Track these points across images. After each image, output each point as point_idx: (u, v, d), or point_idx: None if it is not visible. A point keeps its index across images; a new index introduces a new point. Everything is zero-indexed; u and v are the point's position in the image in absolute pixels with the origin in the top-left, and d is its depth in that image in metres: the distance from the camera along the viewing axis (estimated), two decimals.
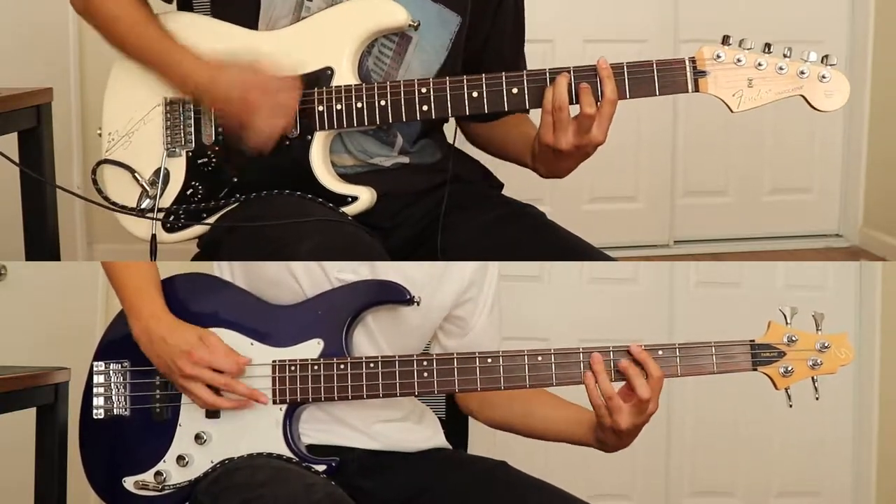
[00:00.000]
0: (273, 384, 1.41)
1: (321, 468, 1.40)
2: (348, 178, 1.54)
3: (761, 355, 1.38)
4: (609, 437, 1.39)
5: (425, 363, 1.39)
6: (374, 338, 1.46)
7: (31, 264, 2.60)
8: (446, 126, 1.70)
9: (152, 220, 1.54)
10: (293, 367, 1.41)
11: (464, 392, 1.44)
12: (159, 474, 1.44)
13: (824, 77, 1.42)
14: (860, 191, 3.96)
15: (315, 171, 1.50)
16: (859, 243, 3.96)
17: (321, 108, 1.49)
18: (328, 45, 1.50)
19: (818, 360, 1.37)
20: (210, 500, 1.37)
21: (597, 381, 1.35)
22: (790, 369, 1.37)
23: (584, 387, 1.37)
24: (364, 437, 1.47)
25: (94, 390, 1.49)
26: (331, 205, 1.49)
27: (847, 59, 3.80)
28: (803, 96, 1.43)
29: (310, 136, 1.50)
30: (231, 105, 1.47)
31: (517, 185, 1.75)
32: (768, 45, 1.43)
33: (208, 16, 1.58)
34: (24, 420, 1.92)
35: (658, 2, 3.75)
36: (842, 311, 3.30)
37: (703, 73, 1.44)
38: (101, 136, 1.58)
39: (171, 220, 1.54)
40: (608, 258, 1.57)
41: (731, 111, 1.44)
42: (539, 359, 1.38)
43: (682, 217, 3.96)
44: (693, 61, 1.44)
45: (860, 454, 3.38)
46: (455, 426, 1.67)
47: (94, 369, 1.49)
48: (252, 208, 1.49)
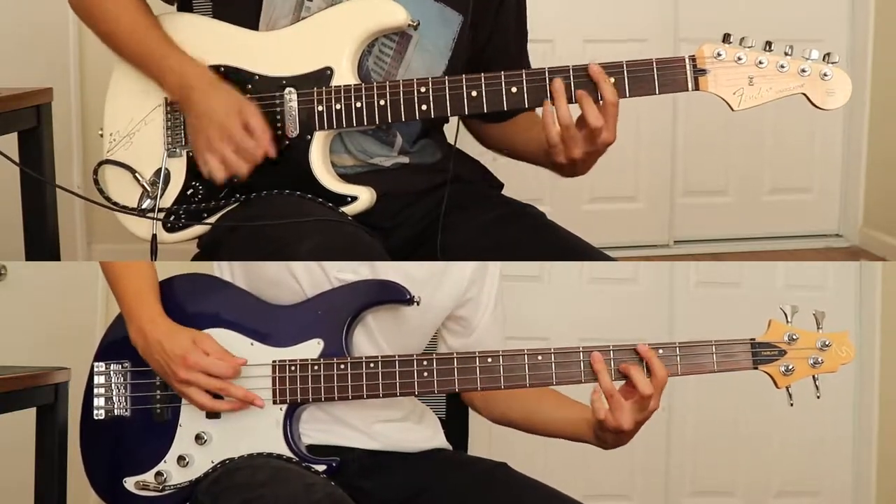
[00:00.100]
0: (273, 384, 1.41)
1: (321, 468, 1.40)
2: (348, 178, 1.54)
3: (762, 354, 1.37)
4: (609, 436, 1.39)
5: (425, 363, 1.39)
6: (374, 338, 1.46)
7: (31, 264, 2.60)
8: (447, 126, 1.70)
9: (153, 221, 1.54)
10: (293, 368, 1.41)
11: (464, 392, 1.44)
12: (160, 474, 1.44)
13: (826, 75, 1.42)
14: (860, 191, 3.95)
15: (315, 171, 1.50)
16: (859, 243, 3.96)
17: (321, 108, 1.49)
18: (328, 45, 1.50)
19: (819, 359, 1.37)
20: (210, 501, 1.37)
21: (598, 380, 1.35)
22: (791, 368, 1.37)
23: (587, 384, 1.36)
24: (364, 437, 1.47)
25: (95, 391, 1.49)
26: (330, 205, 1.49)
27: (847, 59, 3.80)
28: (805, 94, 1.42)
29: (309, 136, 1.50)
30: (207, 125, 1.47)
31: (517, 185, 1.75)
32: (769, 44, 1.42)
33: (209, 16, 1.58)
34: (24, 420, 1.92)
35: (658, 2, 3.75)
36: (842, 311, 3.29)
37: (704, 72, 1.43)
38: (102, 136, 1.58)
39: (171, 220, 1.54)
40: (608, 258, 1.57)
41: (732, 109, 1.44)
42: (539, 358, 1.38)
43: (682, 217, 3.95)
44: (693, 59, 1.43)
45: (860, 454, 3.38)
46: (455, 426, 1.67)
47: (95, 370, 1.49)
48: (252, 208, 1.49)
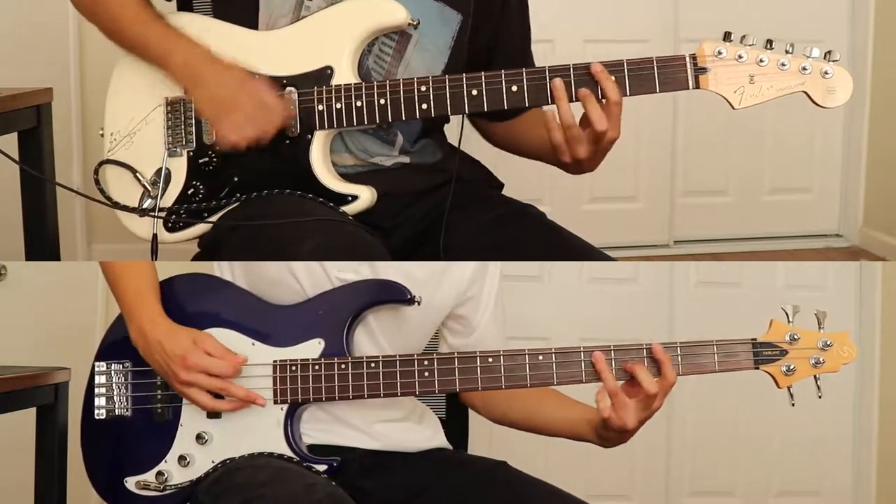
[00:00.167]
0: (274, 384, 1.41)
1: (322, 468, 1.40)
2: (349, 177, 1.54)
3: (763, 354, 1.37)
4: (612, 434, 1.39)
5: (426, 363, 1.39)
6: (375, 337, 1.46)
7: (31, 264, 2.60)
8: (447, 126, 1.70)
9: (153, 220, 1.54)
10: (294, 367, 1.41)
11: (465, 391, 1.44)
12: (161, 474, 1.43)
13: (827, 73, 1.41)
14: (860, 191, 3.96)
15: (315, 171, 1.50)
16: (859, 243, 3.96)
17: (321, 108, 1.49)
18: (328, 44, 1.50)
19: (820, 359, 1.37)
20: (211, 500, 1.37)
21: (602, 380, 1.35)
22: (792, 368, 1.37)
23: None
24: (365, 437, 1.47)
25: (96, 390, 1.48)
26: (331, 204, 1.49)
27: (847, 59, 3.80)
28: (806, 92, 1.42)
29: (310, 136, 1.50)
30: (219, 95, 1.47)
31: (517, 185, 1.75)
32: (770, 42, 1.42)
33: (209, 16, 1.58)
34: (24, 420, 1.92)
35: (658, 2, 3.75)
36: (842, 311, 3.29)
37: (704, 70, 1.43)
38: (102, 136, 1.58)
39: (172, 219, 1.54)
40: (608, 258, 1.57)
41: (733, 108, 1.43)
42: (540, 358, 1.38)
43: (682, 217, 3.96)
44: (694, 58, 1.43)
45: (860, 454, 3.38)
46: (455, 426, 1.66)
47: (96, 369, 1.49)
48: (253, 208, 1.49)
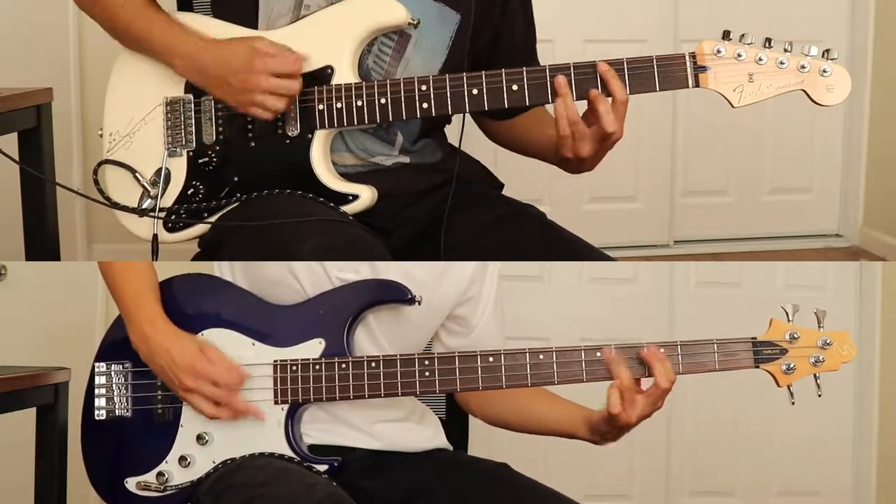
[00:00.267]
0: (274, 384, 1.41)
1: (323, 468, 1.40)
2: (349, 177, 1.54)
3: (763, 352, 1.37)
4: (612, 431, 1.39)
5: (427, 362, 1.39)
6: (375, 337, 1.46)
7: (31, 264, 2.60)
8: (448, 126, 1.70)
9: (154, 220, 1.53)
10: (294, 367, 1.41)
11: (465, 391, 1.44)
12: (161, 475, 1.43)
13: (825, 71, 1.42)
14: (860, 191, 3.96)
15: (315, 170, 1.50)
16: (859, 243, 3.96)
17: (321, 107, 1.49)
18: (328, 44, 1.50)
19: (820, 357, 1.37)
20: (212, 501, 1.36)
21: (617, 376, 1.36)
22: (792, 366, 1.37)
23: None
24: (366, 437, 1.47)
25: (96, 391, 1.48)
26: (332, 204, 1.49)
27: (847, 59, 3.80)
28: (804, 91, 1.43)
29: (310, 135, 1.50)
30: (235, 80, 1.46)
31: (517, 185, 1.75)
32: (769, 40, 1.43)
33: (208, 16, 1.58)
34: (24, 420, 1.92)
35: (658, 2, 3.75)
36: (842, 311, 3.29)
37: (704, 69, 1.44)
38: (101, 136, 1.58)
39: (172, 219, 1.54)
40: (608, 258, 1.57)
41: (732, 106, 1.44)
42: (541, 357, 1.38)
43: (682, 217, 3.96)
44: (693, 56, 1.44)
45: (860, 453, 3.38)
46: (455, 426, 1.66)
47: (96, 370, 1.49)
48: (253, 208, 1.49)
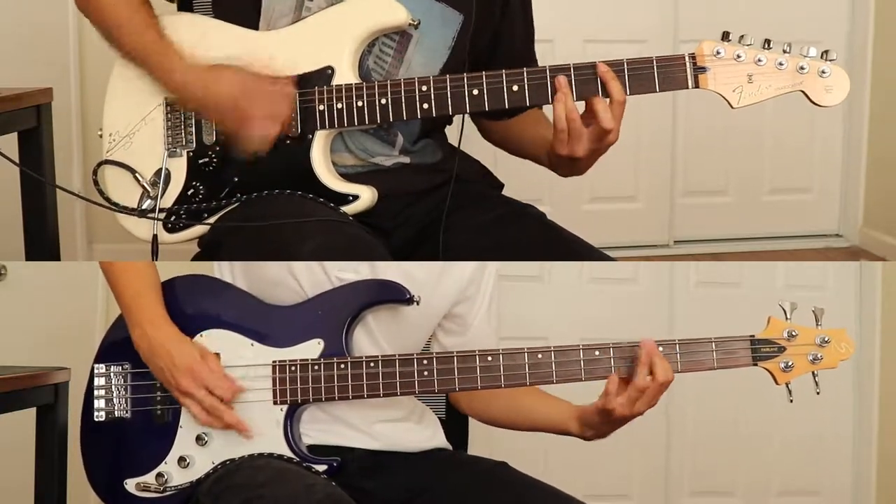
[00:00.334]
0: (273, 384, 1.41)
1: (322, 468, 1.40)
2: (349, 177, 1.54)
3: (761, 350, 1.38)
4: (607, 427, 1.39)
5: (425, 362, 1.39)
6: (374, 337, 1.46)
7: (31, 264, 2.60)
8: (448, 126, 1.70)
9: (153, 221, 1.53)
10: (293, 368, 1.41)
11: (464, 391, 1.44)
12: (161, 476, 1.43)
13: (824, 72, 1.43)
14: (860, 191, 3.96)
15: (316, 171, 1.50)
16: (859, 243, 3.96)
17: (322, 108, 1.49)
18: (328, 45, 1.50)
19: (818, 355, 1.37)
20: (211, 501, 1.37)
21: (636, 373, 1.36)
22: (790, 364, 1.37)
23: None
24: (365, 437, 1.47)
25: (95, 392, 1.48)
26: (332, 205, 1.49)
27: (847, 60, 3.80)
28: (803, 91, 1.43)
29: (310, 136, 1.50)
30: (224, 114, 1.48)
31: (517, 185, 1.75)
32: (768, 41, 1.44)
33: (209, 16, 1.58)
34: (24, 420, 1.92)
35: (658, 2, 3.75)
36: (842, 311, 3.30)
37: (703, 70, 1.44)
38: (101, 137, 1.58)
39: (172, 220, 1.54)
40: (608, 258, 1.57)
41: (732, 107, 1.45)
42: (539, 356, 1.38)
43: (682, 217, 3.96)
44: (693, 57, 1.44)
45: (860, 453, 3.38)
46: (455, 426, 1.66)
47: (95, 371, 1.49)
48: (253, 208, 1.49)
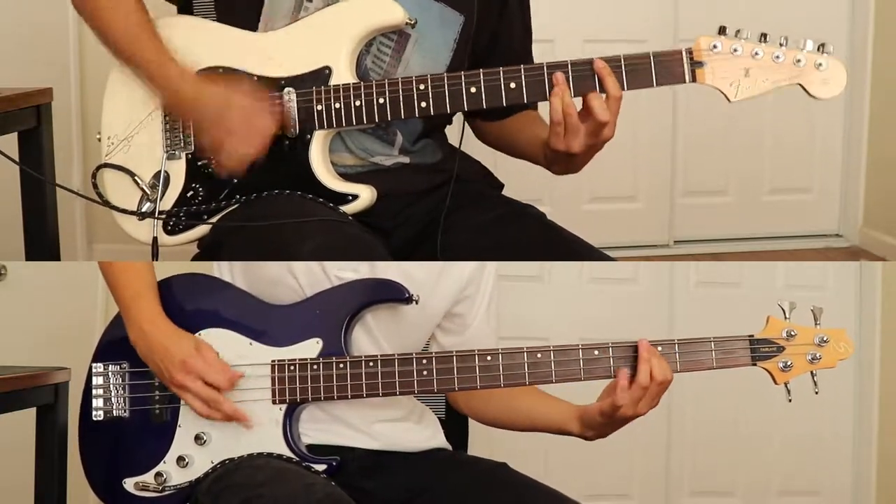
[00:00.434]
0: (272, 384, 1.41)
1: (321, 468, 1.40)
2: (349, 177, 1.54)
3: (760, 350, 1.38)
4: (608, 427, 1.39)
5: (424, 362, 1.39)
6: (373, 336, 1.46)
7: (31, 264, 2.60)
8: (448, 126, 1.70)
9: (153, 224, 1.53)
10: (292, 367, 1.41)
11: (464, 390, 1.44)
12: (159, 475, 1.43)
13: (821, 65, 1.43)
14: (860, 191, 3.95)
15: (315, 171, 1.50)
16: (859, 243, 3.96)
17: (320, 108, 1.49)
18: (326, 44, 1.50)
19: (817, 355, 1.38)
20: (210, 500, 1.37)
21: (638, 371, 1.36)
22: (789, 364, 1.37)
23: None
24: (364, 437, 1.47)
25: (94, 392, 1.48)
26: (331, 205, 1.49)
27: (847, 59, 3.79)
28: (800, 84, 1.43)
29: (309, 136, 1.50)
30: (208, 125, 1.48)
31: (517, 185, 1.75)
32: (764, 35, 1.44)
33: (210, 18, 1.58)
34: (24, 420, 1.92)
35: (658, 2, 3.75)
36: (842, 311, 3.30)
37: (700, 64, 1.44)
38: (100, 140, 1.58)
39: (171, 222, 1.53)
40: (608, 258, 1.57)
41: (729, 101, 1.45)
42: (538, 356, 1.38)
43: (682, 217, 3.95)
44: (690, 52, 1.44)
45: (860, 453, 3.38)
46: (455, 426, 1.66)
47: (93, 371, 1.49)
48: (253, 209, 1.49)
